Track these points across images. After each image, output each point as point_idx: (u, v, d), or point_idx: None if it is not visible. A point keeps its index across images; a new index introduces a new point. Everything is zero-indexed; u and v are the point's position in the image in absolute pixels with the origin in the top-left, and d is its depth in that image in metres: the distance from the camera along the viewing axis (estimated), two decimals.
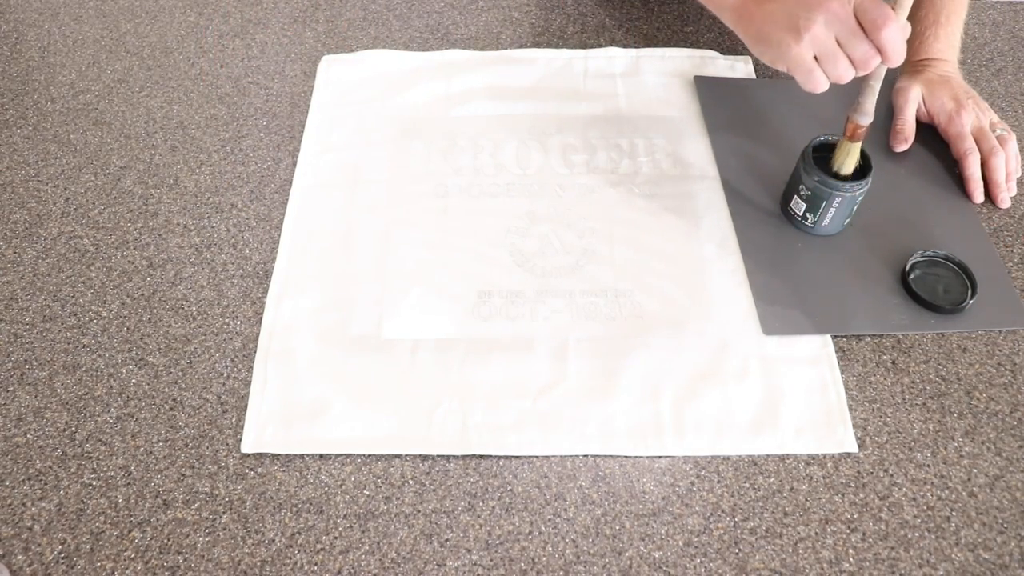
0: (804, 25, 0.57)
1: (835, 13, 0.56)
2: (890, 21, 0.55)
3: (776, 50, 0.61)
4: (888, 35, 0.56)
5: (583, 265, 0.69)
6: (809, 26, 0.57)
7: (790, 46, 0.59)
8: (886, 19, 0.55)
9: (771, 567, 0.53)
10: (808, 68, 0.59)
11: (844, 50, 0.58)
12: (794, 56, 0.59)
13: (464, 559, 0.54)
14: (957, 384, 0.62)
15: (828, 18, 0.57)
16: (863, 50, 0.57)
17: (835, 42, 0.58)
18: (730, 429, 0.59)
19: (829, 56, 0.58)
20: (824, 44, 0.58)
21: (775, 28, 0.60)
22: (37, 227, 0.74)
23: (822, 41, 0.58)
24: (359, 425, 0.60)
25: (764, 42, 0.62)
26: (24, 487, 0.58)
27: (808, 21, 0.57)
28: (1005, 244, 0.71)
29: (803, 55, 0.59)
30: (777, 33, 0.60)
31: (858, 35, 0.57)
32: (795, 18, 0.58)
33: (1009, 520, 0.55)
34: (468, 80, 0.85)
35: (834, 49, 0.58)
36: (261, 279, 0.69)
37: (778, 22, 0.60)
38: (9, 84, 0.88)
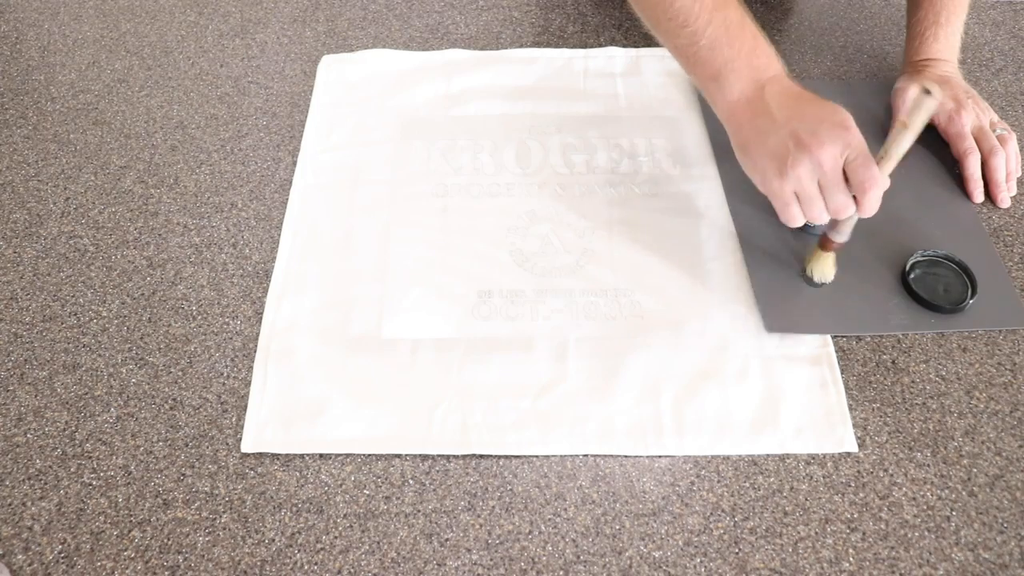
0: (791, 164, 0.57)
1: (822, 163, 0.56)
2: (876, 185, 0.55)
3: (757, 174, 0.61)
4: (871, 197, 0.56)
5: (583, 265, 0.69)
6: (796, 166, 0.57)
7: (772, 179, 0.59)
8: (873, 182, 0.55)
9: (771, 567, 0.53)
10: (785, 202, 0.59)
11: (823, 195, 0.58)
12: (775, 189, 0.59)
13: (464, 559, 0.54)
14: (957, 384, 0.62)
15: (815, 166, 0.56)
16: (840, 201, 0.57)
17: (816, 187, 0.57)
18: (730, 429, 0.59)
19: (807, 198, 0.58)
20: (805, 187, 0.58)
21: (762, 153, 0.59)
22: (37, 227, 0.74)
23: (804, 184, 0.57)
24: (359, 425, 0.60)
25: (748, 158, 0.62)
26: (24, 487, 0.58)
27: (796, 161, 0.57)
28: (1005, 244, 0.71)
29: (784, 190, 0.59)
30: (763, 159, 0.59)
31: (839, 188, 0.56)
32: (784, 152, 0.57)
33: (1009, 520, 0.55)
34: (468, 80, 0.85)
35: (814, 193, 0.58)
36: (261, 279, 0.69)
37: (767, 147, 0.59)
38: (9, 84, 0.88)
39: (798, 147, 0.56)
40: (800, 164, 0.56)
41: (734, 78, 0.61)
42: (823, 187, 0.57)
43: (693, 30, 0.62)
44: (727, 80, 0.62)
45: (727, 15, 0.61)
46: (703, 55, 0.62)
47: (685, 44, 0.63)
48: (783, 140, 0.58)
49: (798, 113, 0.58)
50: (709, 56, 0.62)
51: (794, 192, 0.59)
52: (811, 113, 0.58)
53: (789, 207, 0.59)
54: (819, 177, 0.57)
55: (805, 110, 0.58)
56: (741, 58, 0.61)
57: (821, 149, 0.56)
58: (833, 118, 0.57)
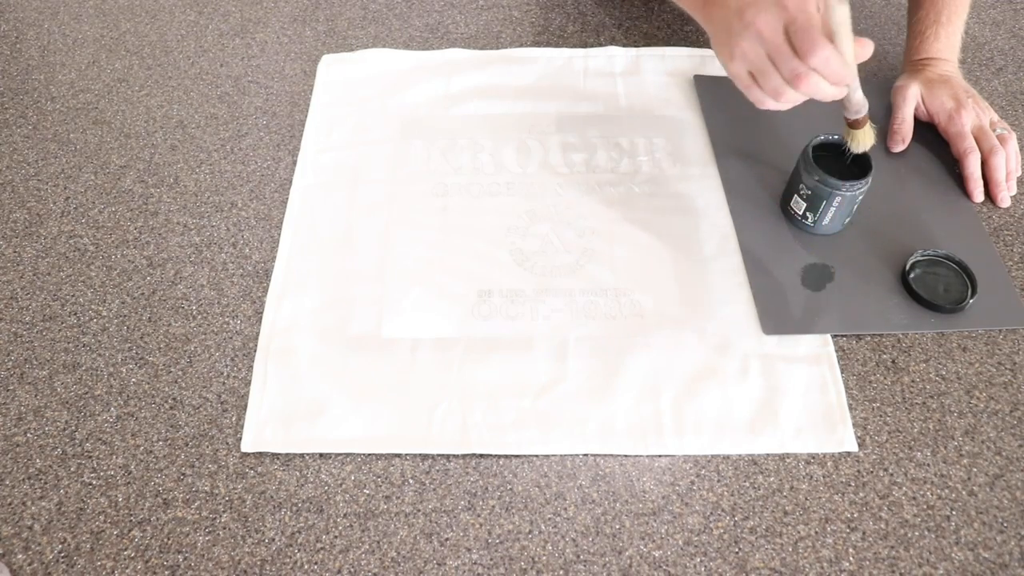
0: (736, 42, 0.57)
1: (760, 32, 0.56)
2: (816, 47, 0.54)
3: (722, 63, 0.61)
4: (817, 60, 0.55)
5: (583, 264, 0.69)
6: (739, 43, 0.57)
7: (728, 62, 0.59)
8: (812, 44, 0.54)
9: (771, 566, 0.53)
10: (745, 84, 0.59)
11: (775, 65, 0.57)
12: (732, 71, 0.60)
13: (464, 558, 0.54)
14: (957, 383, 0.62)
15: (755, 36, 0.56)
16: (790, 67, 0.56)
17: (766, 59, 0.57)
18: (730, 428, 0.59)
19: (759, 72, 0.58)
20: (753, 60, 0.57)
21: (719, 40, 0.60)
22: (37, 226, 0.74)
23: (751, 58, 0.57)
24: (359, 424, 0.60)
25: (716, 50, 0.62)
26: (24, 486, 0.58)
27: (739, 38, 0.57)
28: (1005, 243, 0.71)
29: (738, 71, 0.59)
30: (720, 46, 0.60)
31: (783, 53, 0.56)
32: (731, 32, 0.58)
33: (1009, 519, 0.55)
34: (468, 79, 0.85)
35: (764, 66, 0.57)
36: (261, 278, 0.69)
37: (720, 33, 0.60)
38: (9, 83, 0.88)
39: (740, 23, 0.57)
40: (743, 39, 0.57)
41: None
42: (771, 56, 0.57)
43: None
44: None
45: None
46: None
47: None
48: (731, 21, 0.58)
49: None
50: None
51: (748, 72, 0.59)
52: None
53: (751, 89, 0.59)
54: (764, 48, 0.57)
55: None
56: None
57: (757, 18, 0.56)
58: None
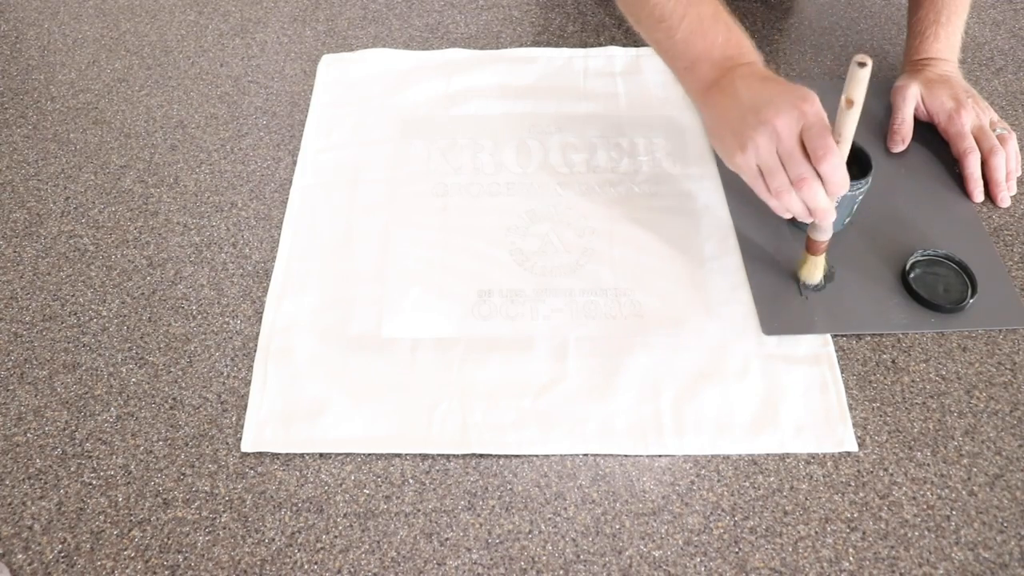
0: (749, 135, 0.58)
1: (778, 132, 0.56)
2: (830, 154, 0.55)
3: (725, 152, 0.62)
4: (827, 167, 0.55)
5: (583, 264, 0.69)
6: (754, 136, 0.57)
7: (735, 153, 0.60)
8: (827, 151, 0.55)
9: (771, 566, 0.53)
10: (752, 176, 0.60)
11: (784, 166, 0.58)
12: (739, 163, 0.60)
13: (464, 558, 0.54)
14: (957, 383, 0.62)
15: (771, 134, 0.57)
16: (798, 171, 0.57)
17: (776, 158, 0.58)
18: (730, 428, 0.59)
19: (768, 170, 0.58)
20: (764, 157, 0.58)
21: (726, 129, 0.60)
22: (37, 226, 0.74)
23: (762, 153, 0.58)
24: (359, 424, 0.60)
25: (716, 137, 0.63)
26: (24, 486, 0.58)
27: (754, 132, 0.57)
28: (1005, 243, 0.71)
29: (747, 163, 0.59)
30: (727, 135, 0.60)
31: (795, 157, 0.56)
32: (744, 125, 0.58)
33: (1009, 519, 0.55)
34: (468, 79, 0.85)
35: (773, 165, 0.58)
36: (261, 278, 0.69)
37: (730, 123, 0.60)
38: (9, 83, 0.88)
39: (756, 118, 0.57)
40: (758, 133, 0.57)
41: (707, 67, 0.63)
42: (782, 157, 0.58)
43: (669, 25, 0.64)
44: (700, 69, 0.63)
45: (700, 10, 0.63)
46: (679, 48, 0.64)
47: (662, 38, 0.65)
48: (744, 114, 0.59)
49: (761, 90, 0.59)
50: (684, 49, 0.64)
51: (757, 165, 0.59)
52: (774, 89, 0.59)
53: (757, 181, 0.60)
54: (777, 146, 0.57)
55: (769, 88, 0.59)
56: (715, 49, 0.63)
57: (777, 117, 0.56)
58: (794, 92, 0.58)
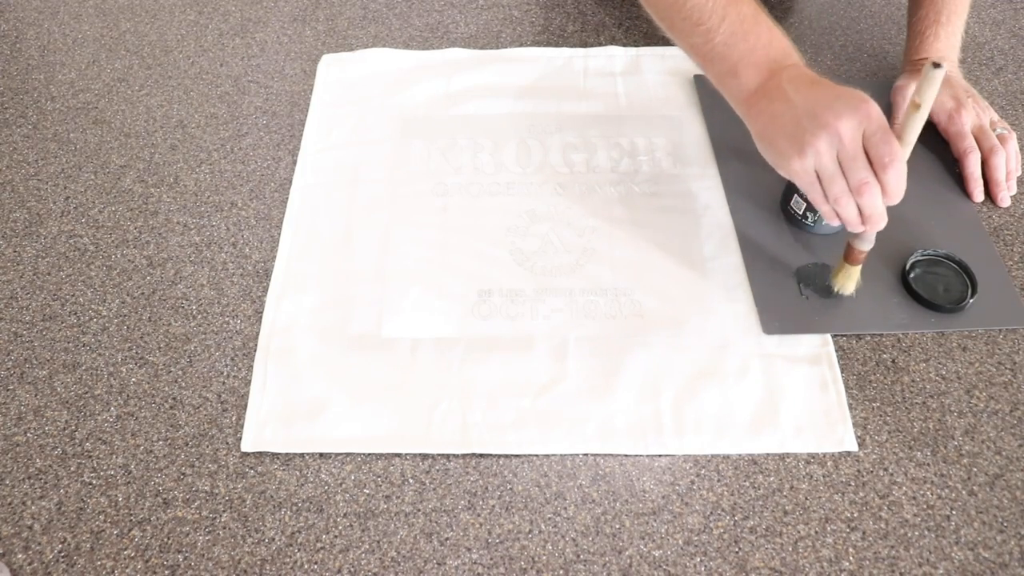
0: (809, 140, 0.55)
1: (840, 135, 0.54)
2: (897, 160, 0.54)
3: (777, 157, 0.59)
4: (892, 174, 0.54)
5: (583, 264, 0.69)
6: (814, 142, 0.55)
7: (792, 158, 0.57)
8: (893, 158, 0.54)
9: (771, 566, 0.53)
10: (809, 181, 0.58)
11: (844, 172, 0.56)
12: (795, 169, 0.58)
13: (464, 558, 0.54)
14: (957, 383, 0.62)
15: (833, 138, 0.55)
16: (860, 177, 0.55)
17: (836, 163, 0.56)
18: (730, 428, 0.59)
19: (827, 175, 0.56)
20: (824, 162, 0.56)
21: (780, 134, 0.58)
22: (37, 226, 0.74)
23: (823, 158, 0.56)
24: (359, 424, 0.60)
25: (768, 143, 0.60)
26: (24, 486, 0.58)
27: (813, 137, 0.55)
28: (1005, 243, 0.71)
29: (805, 169, 0.57)
30: (781, 140, 0.58)
31: (859, 161, 0.55)
32: (802, 129, 0.56)
33: (1009, 519, 0.55)
34: (468, 79, 0.85)
35: (833, 170, 0.56)
36: (261, 278, 0.69)
37: (784, 128, 0.57)
38: (9, 83, 0.88)
39: (815, 122, 0.55)
40: (818, 138, 0.55)
41: (751, 71, 0.60)
42: (843, 162, 0.55)
43: (707, 28, 0.61)
44: (744, 74, 0.61)
45: (741, 10, 0.61)
46: (719, 51, 0.61)
47: (700, 42, 0.62)
48: (799, 119, 0.56)
49: (815, 94, 0.57)
50: (725, 52, 0.61)
51: (815, 170, 0.57)
52: (828, 93, 0.56)
53: (813, 186, 0.58)
54: (838, 150, 0.55)
55: (822, 91, 0.57)
56: (757, 51, 0.60)
57: (839, 121, 0.54)
58: (852, 95, 0.56)
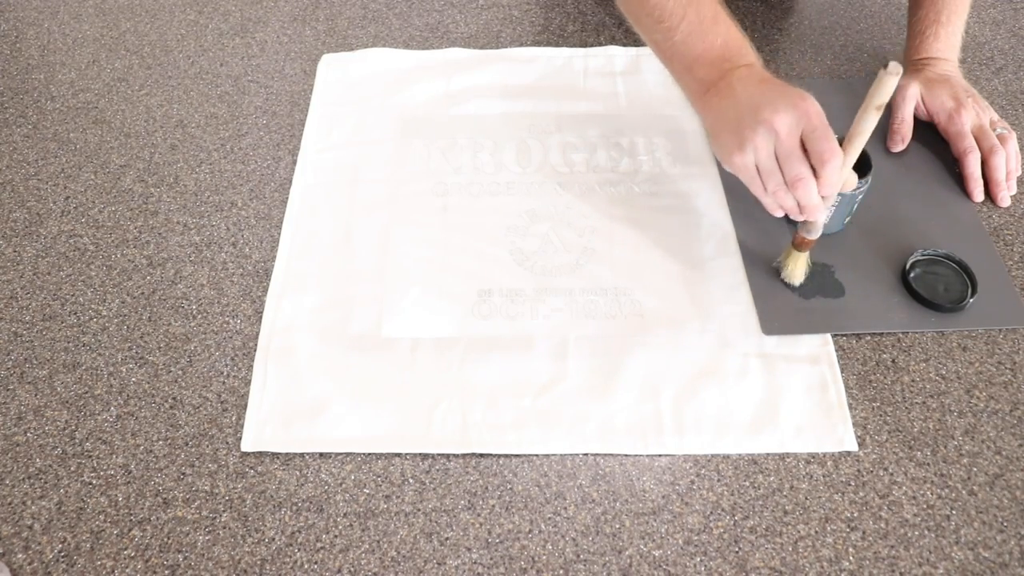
0: (748, 135, 0.58)
1: (777, 131, 0.56)
2: (834, 156, 0.56)
3: (721, 151, 0.62)
4: (829, 170, 0.56)
5: (583, 264, 0.69)
6: (752, 137, 0.57)
7: (733, 153, 0.59)
8: (831, 153, 0.56)
9: (771, 565, 0.53)
10: (749, 175, 0.60)
11: (781, 166, 0.58)
12: (736, 163, 0.60)
13: (464, 557, 0.54)
14: (957, 383, 0.62)
15: (770, 134, 0.57)
16: (795, 171, 0.57)
17: (774, 158, 0.58)
18: (730, 428, 0.59)
19: (765, 170, 0.59)
20: (762, 157, 0.58)
21: (724, 129, 0.60)
22: (37, 226, 0.74)
23: (761, 153, 0.58)
24: (359, 423, 0.60)
25: (714, 138, 0.62)
26: (24, 486, 0.58)
27: (752, 132, 0.57)
28: (1005, 243, 0.71)
29: (745, 163, 0.59)
30: (725, 135, 0.60)
31: (793, 156, 0.57)
32: (743, 125, 0.58)
33: (1009, 519, 0.55)
34: (468, 78, 0.85)
35: (770, 165, 0.58)
36: (261, 278, 0.69)
37: (728, 123, 0.60)
38: (9, 83, 0.88)
39: (754, 118, 0.57)
40: (757, 134, 0.57)
41: (706, 69, 0.63)
42: (780, 157, 0.58)
43: (668, 25, 0.63)
44: (699, 71, 0.63)
45: (700, 10, 0.63)
46: (678, 49, 0.64)
47: (661, 39, 0.65)
48: (742, 115, 0.59)
49: (759, 92, 0.59)
50: (683, 50, 0.63)
51: (754, 164, 0.59)
52: (772, 91, 0.58)
53: (754, 180, 0.60)
54: (775, 146, 0.57)
55: (767, 89, 0.59)
56: (713, 50, 0.62)
57: (776, 117, 0.56)
58: (792, 93, 0.58)
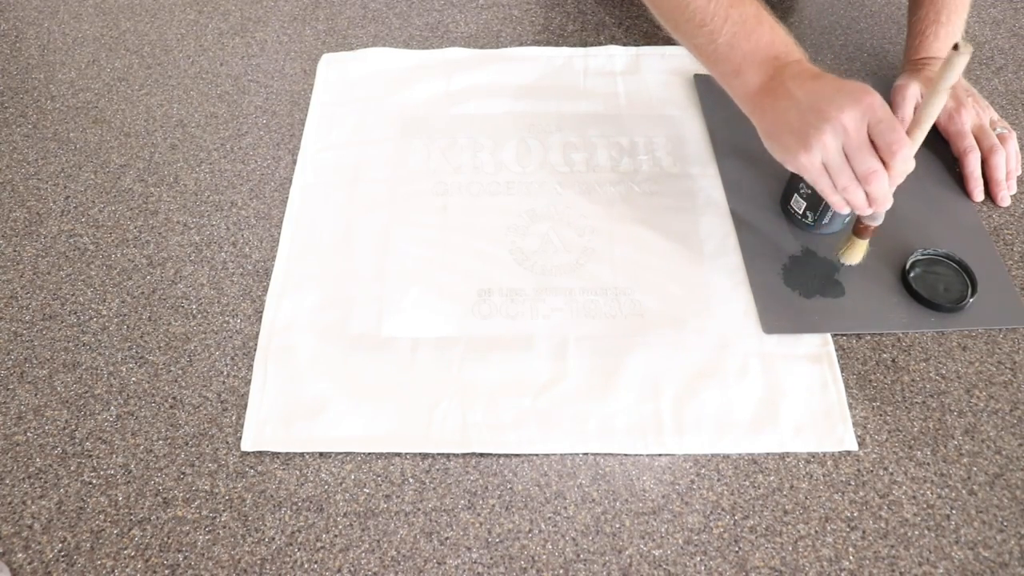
0: (814, 135, 0.56)
1: (845, 127, 0.55)
2: (904, 146, 0.55)
3: (784, 153, 0.60)
4: (899, 160, 0.55)
5: (583, 263, 0.69)
6: (819, 136, 0.56)
7: (799, 153, 0.58)
8: (901, 144, 0.55)
9: (771, 565, 0.53)
10: (817, 174, 0.59)
11: (850, 163, 0.57)
12: (802, 163, 0.58)
13: (464, 557, 0.54)
14: (957, 382, 0.62)
15: (837, 131, 0.56)
16: (867, 165, 0.56)
17: (842, 155, 0.57)
18: (730, 427, 0.59)
19: (834, 167, 0.58)
20: (831, 155, 0.57)
21: (785, 130, 0.59)
22: (37, 225, 0.74)
23: (829, 151, 0.57)
24: (359, 423, 0.60)
25: (775, 140, 0.61)
26: (24, 485, 0.58)
27: (818, 131, 0.56)
28: (1005, 242, 0.71)
29: (812, 162, 0.58)
30: (787, 137, 0.59)
31: (864, 150, 0.56)
32: (806, 124, 0.57)
33: (1009, 518, 0.55)
34: (468, 78, 0.85)
35: (840, 162, 0.57)
36: (261, 277, 0.69)
37: (789, 124, 0.58)
38: (9, 82, 0.88)
39: (819, 117, 0.56)
40: (823, 132, 0.56)
41: (754, 71, 0.61)
42: (849, 153, 0.56)
43: (711, 29, 0.62)
44: (747, 73, 0.62)
45: (743, 11, 0.62)
46: (722, 52, 0.63)
47: (704, 43, 0.63)
48: (804, 114, 0.57)
49: (817, 88, 0.58)
50: (728, 53, 0.62)
51: (822, 163, 0.58)
52: (830, 87, 0.57)
53: (822, 178, 0.59)
54: (844, 142, 0.56)
55: (825, 85, 0.58)
56: (760, 50, 0.61)
57: (842, 113, 0.55)
58: (853, 87, 0.57)
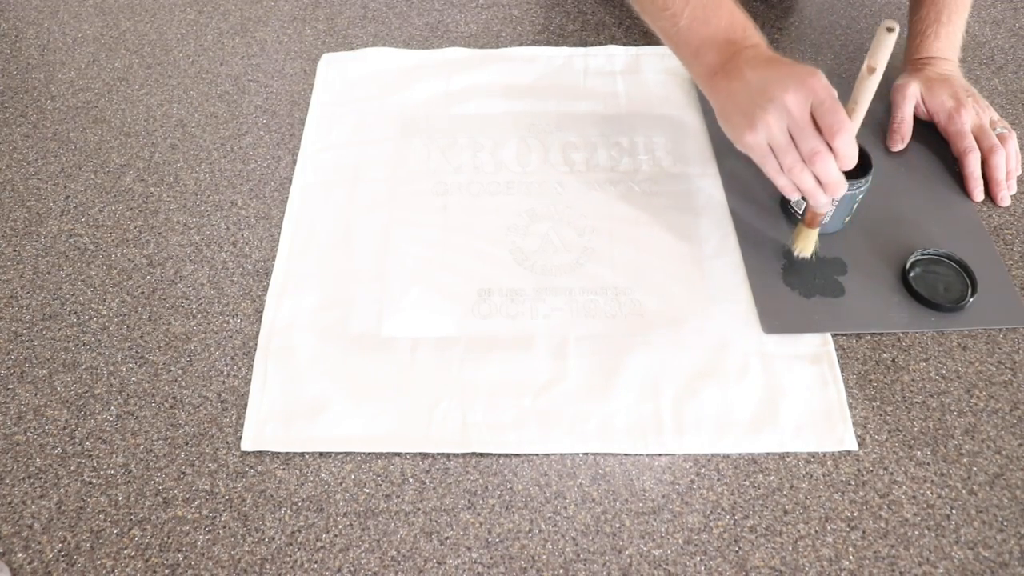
0: (759, 114, 0.58)
1: (789, 108, 0.57)
2: (844, 128, 0.56)
3: (733, 132, 0.62)
4: (841, 141, 0.56)
5: (583, 263, 0.69)
6: (764, 116, 0.58)
7: (745, 132, 0.60)
8: (841, 125, 0.56)
9: (771, 565, 0.53)
10: (763, 154, 0.60)
11: (795, 143, 0.58)
12: (747, 142, 0.60)
13: (464, 557, 0.54)
14: (957, 382, 0.62)
15: (781, 111, 0.57)
16: (811, 146, 0.57)
17: (787, 135, 0.58)
18: (730, 427, 0.59)
19: (779, 147, 0.59)
20: (775, 135, 0.58)
21: (735, 110, 0.61)
22: (37, 225, 0.74)
23: (773, 131, 0.58)
24: (359, 423, 0.60)
25: (726, 120, 0.63)
26: (24, 485, 0.58)
27: (763, 111, 0.58)
28: (1005, 242, 0.71)
29: (757, 142, 0.60)
30: (736, 116, 0.61)
31: (807, 131, 0.57)
32: (753, 105, 0.59)
33: (1009, 518, 0.55)
34: (468, 78, 0.85)
35: (785, 142, 0.59)
36: (261, 277, 0.69)
37: (739, 104, 0.60)
38: (9, 82, 0.88)
39: (764, 97, 0.58)
40: (767, 112, 0.58)
41: (713, 53, 0.64)
42: (793, 133, 0.58)
43: (673, 12, 0.65)
44: (706, 55, 0.64)
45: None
46: (683, 35, 0.65)
47: (667, 26, 0.66)
48: (752, 95, 0.59)
49: (768, 71, 0.59)
50: (688, 36, 0.65)
51: (768, 144, 0.60)
52: (780, 70, 0.59)
53: (767, 158, 0.60)
54: (788, 123, 0.58)
55: (775, 68, 0.59)
56: (719, 34, 0.63)
57: (786, 95, 0.57)
58: (801, 69, 0.58)
